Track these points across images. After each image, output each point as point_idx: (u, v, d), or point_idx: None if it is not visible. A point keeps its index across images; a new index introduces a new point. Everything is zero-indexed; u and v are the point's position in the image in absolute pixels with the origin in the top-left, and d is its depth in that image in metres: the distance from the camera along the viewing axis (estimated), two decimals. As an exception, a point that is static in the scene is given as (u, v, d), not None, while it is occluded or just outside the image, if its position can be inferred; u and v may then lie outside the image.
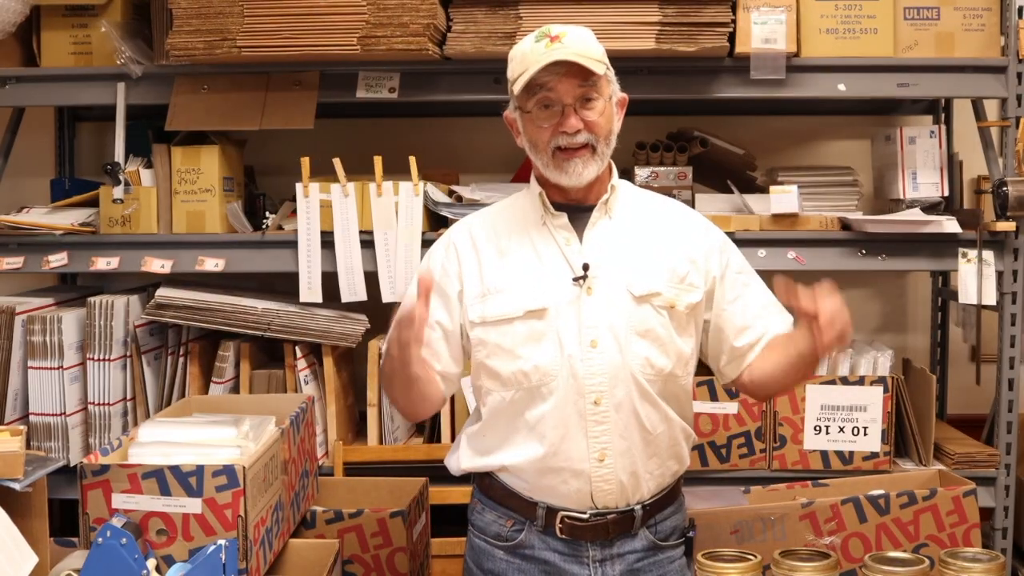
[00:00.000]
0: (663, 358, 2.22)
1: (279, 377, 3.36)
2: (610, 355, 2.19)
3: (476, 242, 2.31)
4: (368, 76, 3.34)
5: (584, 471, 2.21)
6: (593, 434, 2.20)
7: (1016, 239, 3.25)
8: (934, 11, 3.29)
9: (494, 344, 2.24)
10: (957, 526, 2.83)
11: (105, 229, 3.39)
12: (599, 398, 2.19)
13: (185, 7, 3.18)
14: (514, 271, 2.25)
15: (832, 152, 3.98)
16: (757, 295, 2.34)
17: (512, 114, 2.27)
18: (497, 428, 2.27)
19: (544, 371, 2.20)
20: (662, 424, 2.25)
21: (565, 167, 2.21)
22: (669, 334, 2.23)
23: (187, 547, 2.17)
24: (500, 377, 2.24)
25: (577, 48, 2.16)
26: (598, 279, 2.21)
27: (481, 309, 2.25)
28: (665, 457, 2.28)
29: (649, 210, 2.34)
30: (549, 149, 2.21)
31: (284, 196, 3.60)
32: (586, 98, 2.19)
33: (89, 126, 4.03)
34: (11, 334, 3.28)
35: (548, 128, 2.20)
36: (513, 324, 2.22)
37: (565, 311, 2.20)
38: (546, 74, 2.16)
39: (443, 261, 2.33)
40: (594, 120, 2.19)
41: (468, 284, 2.28)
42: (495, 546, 2.31)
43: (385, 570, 2.81)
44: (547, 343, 2.21)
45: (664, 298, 2.23)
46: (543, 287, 2.22)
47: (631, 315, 2.21)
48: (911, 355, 3.90)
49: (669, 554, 2.31)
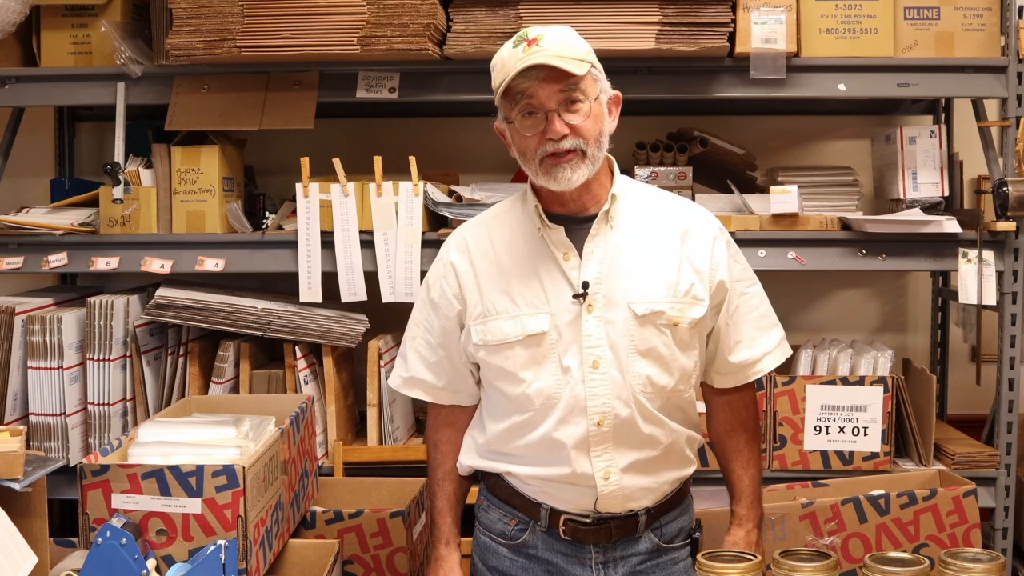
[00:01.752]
0: (665, 376, 2.20)
1: (279, 377, 3.36)
2: (612, 375, 2.17)
3: (473, 259, 2.27)
4: (368, 76, 3.34)
5: (590, 487, 2.20)
6: (596, 453, 2.18)
7: (1016, 239, 3.25)
8: (934, 11, 3.29)
9: (497, 367, 2.22)
10: (957, 526, 2.83)
11: (105, 229, 3.39)
12: (602, 419, 2.17)
13: (185, 7, 3.17)
14: (513, 290, 2.21)
15: (832, 152, 3.98)
16: (752, 306, 2.31)
17: (501, 124, 2.21)
18: (503, 443, 2.26)
19: (547, 394, 2.18)
20: (667, 438, 2.23)
21: (554, 173, 2.14)
22: (672, 352, 2.20)
23: (187, 547, 2.17)
24: (505, 398, 2.23)
25: (556, 50, 2.09)
26: (598, 295, 2.17)
27: (482, 332, 2.22)
28: (672, 468, 2.26)
29: (653, 213, 2.27)
30: (537, 158, 2.14)
31: (284, 196, 3.60)
32: (570, 101, 2.12)
33: (89, 126, 4.03)
34: (11, 334, 3.28)
35: (534, 136, 2.13)
36: (514, 348, 2.20)
37: (565, 332, 2.17)
38: (524, 80, 2.09)
39: (441, 281, 2.30)
40: (579, 124, 2.12)
41: (469, 304, 2.25)
42: (500, 544, 2.31)
43: (385, 570, 2.81)
44: (548, 366, 2.18)
45: (667, 317, 2.19)
46: (543, 307, 2.19)
47: (633, 334, 2.17)
48: (911, 355, 3.90)
49: (674, 556, 2.30)
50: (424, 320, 2.33)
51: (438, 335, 2.30)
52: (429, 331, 2.32)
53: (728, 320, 2.28)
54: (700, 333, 2.26)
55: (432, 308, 2.31)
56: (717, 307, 2.27)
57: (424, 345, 2.33)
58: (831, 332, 3.82)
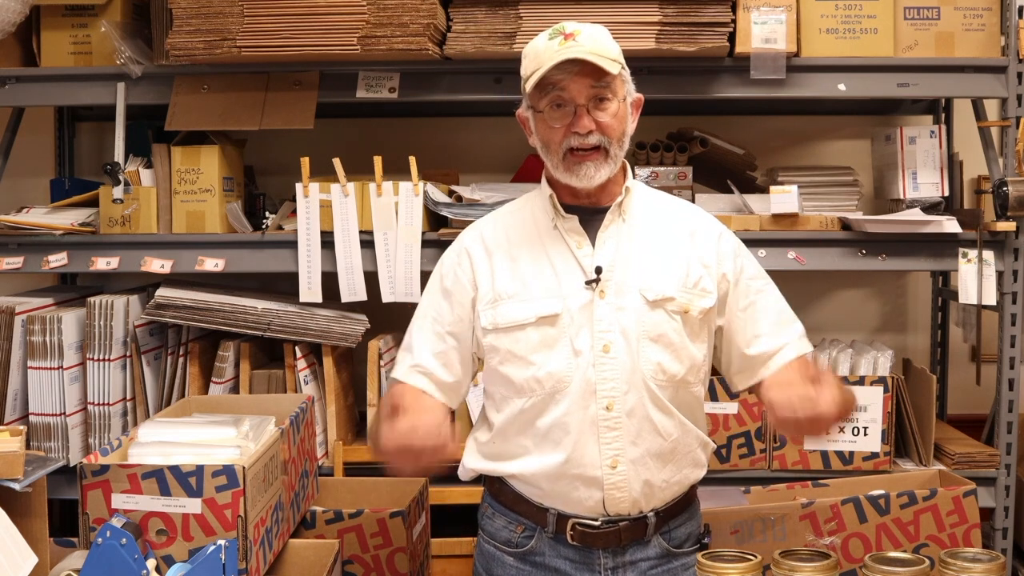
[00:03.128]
0: (676, 364, 2.19)
1: (279, 377, 3.36)
2: (622, 360, 2.16)
3: (488, 247, 2.27)
4: (368, 76, 3.34)
5: (597, 478, 2.18)
6: (605, 440, 2.17)
7: (1016, 239, 3.25)
8: (934, 11, 3.29)
9: (506, 351, 2.21)
10: (957, 526, 2.83)
11: (105, 229, 3.39)
12: (611, 403, 2.16)
13: (185, 7, 3.18)
14: (526, 276, 2.21)
15: (832, 152, 3.98)
16: (770, 303, 2.29)
17: (525, 112, 2.23)
18: (508, 435, 2.24)
19: (557, 377, 2.17)
20: (676, 431, 2.21)
21: (576, 170, 2.16)
22: (682, 340, 2.20)
23: (187, 547, 2.17)
24: (513, 384, 2.21)
25: (591, 47, 2.12)
26: (611, 282, 2.18)
27: (493, 315, 2.22)
28: (681, 465, 2.24)
29: (663, 213, 2.29)
30: (561, 151, 2.16)
31: (284, 196, 3.60)
32: (599, 98, 2.14)
33: (89, 126, 4.03)
34: (11, 334, 3.29)
35: (560, 128, 2.15)
36: (525, 330, 2.19)
37: (577, 316, 2.17)
38: (559, 72, 2.11)
39: (455, 268, 2.29)
40: (607, 122, 2.14)
41: (481, 290, 2.25)
42: (505, 552, 2.28)
43: (385, 570, 2.81)
44: (560, 349, 2.18)
45: (678, 303, 2.19)
46: (555, 292, 2.19)
47: (644, 320, 2.17)
48: (911, 355, 3.90)
49: (683, 561, 2.28)
50: (433, 311, 2.30)
51: (448, 324, 2.27)
52: (438, 320, 2.29)
53: (742, 315, 2.27)
54: (709, 326, 2.25)
55: (444, 296, 2.28)
56: (723, 302, 2.26)
57: (432, 336, 2.29)
58: (831, 332, 3.82)
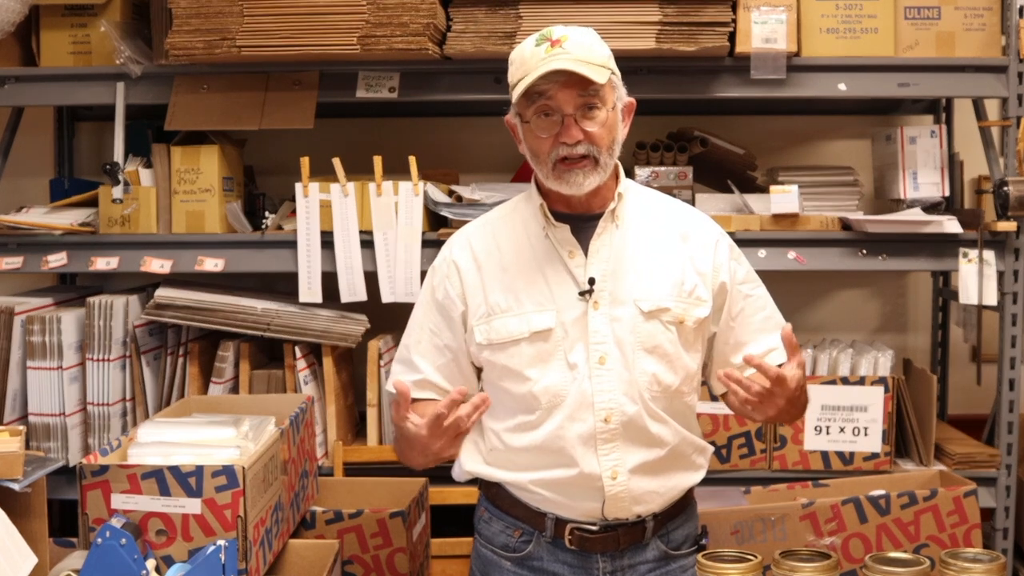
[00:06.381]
0: (670, 375, 2.19)
1: (279, 377, 3.36)
2: (618, 372, 2.16)
3: (478, 258, 2.25)
4: (368, 76, 3.33)
5: (597, 488, 2.18)
6: (604, 451, 2.16)
7: (1017, 239, 3.25)
8: (935, 11, 3.28)
9: (502, 366, 2.20)
10: (958, 526, 2.83)
11: (104, 229, 3.38)
12: (609, 415, 2.16)
13: (185, 7, 3.17)
14: (518, 288, 2.20)
15: (832, 152, 3.98)
16: (757, 308, 2.29)
17: (513, 119, 2.20)
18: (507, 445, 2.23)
19: (554, 391, 2.17)
20: (673, 438, 2.21)
21: (566, 178, 2.13)
22: (677, 350, 2.19)
23: (187, 547, 2.16)
24: (512, 397, 2.20)
25: (579, 54, 2.09)
26: (604, 292, 2.17)
27: (487, 331, 2.20)
28: (679, 471, 2.24)
29: (657, 217, 2.27)
30: (549, 161, 2.14)
31: (284, 196, 3.60)
32: (588, 107, 2.11)
33: (89, 126, 4.02)
34: (10, 334, 3.28)
35: (548, 138, 2.13)
36: (520, 345, 2.18)
37: (571, 329, 2.16)
38: (545, 82, 2.09)
39: (445, 282, 2.27)
40: (595, 131, 2.12)
41: (472, 304, 2.23)
42: (503, 557, 2.27)
43: (385, 570, 2.80)
44: (555, 363, 2.17)
45: (673, 314, 2.18)
46: (548, 304, 2.18)
47: (639, 330, 2.17)
48: (912, 355, 3.90)
49: (681, 563, 2.28)
50: (430, 323, 2.29)
51: (446, 339, 2.26)
52: (436, 333, 2.28)
53: (731, 323, 2.27)
54: (703, 335, 2.25)
55: (439, 310, 2.27)
56: (719, 310, 2.25)
57: (432, 349, 2.28)
58: (831, 332, 3.82)
